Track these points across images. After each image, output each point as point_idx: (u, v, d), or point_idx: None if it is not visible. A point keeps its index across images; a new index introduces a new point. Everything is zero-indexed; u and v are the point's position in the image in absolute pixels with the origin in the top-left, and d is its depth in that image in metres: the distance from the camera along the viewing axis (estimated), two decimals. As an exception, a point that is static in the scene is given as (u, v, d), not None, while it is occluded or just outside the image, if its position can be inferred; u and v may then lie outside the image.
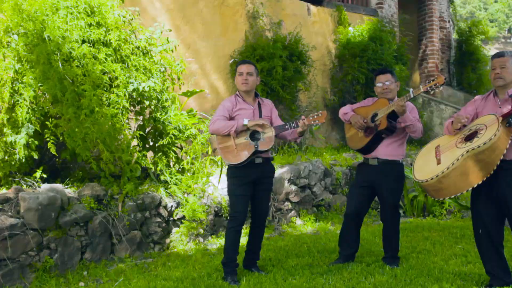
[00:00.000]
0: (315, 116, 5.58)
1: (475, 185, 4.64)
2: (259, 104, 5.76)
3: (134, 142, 7.22)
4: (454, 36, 17.18)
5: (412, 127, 5.65)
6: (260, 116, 5.69)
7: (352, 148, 6.11)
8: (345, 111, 6.04)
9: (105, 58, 6.69)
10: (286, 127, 5.60)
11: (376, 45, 11.96)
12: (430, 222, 8.24)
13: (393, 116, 5.69)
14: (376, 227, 7.87)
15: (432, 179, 4.71)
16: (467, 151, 4.60)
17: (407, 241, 7.00)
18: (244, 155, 5.47)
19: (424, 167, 4.95)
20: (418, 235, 7.32)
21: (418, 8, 16.13)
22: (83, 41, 6.66)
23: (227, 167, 5.75)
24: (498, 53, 5.05)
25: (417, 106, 12.74)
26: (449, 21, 16.98)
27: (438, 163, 4.81)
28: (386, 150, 5.81)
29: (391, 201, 5.87)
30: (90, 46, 6.63)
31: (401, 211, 9.15)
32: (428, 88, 5.31)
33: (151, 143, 7.55)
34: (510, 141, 4.65)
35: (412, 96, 5.40)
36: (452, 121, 5.03)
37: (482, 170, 4.62)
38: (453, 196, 4.83)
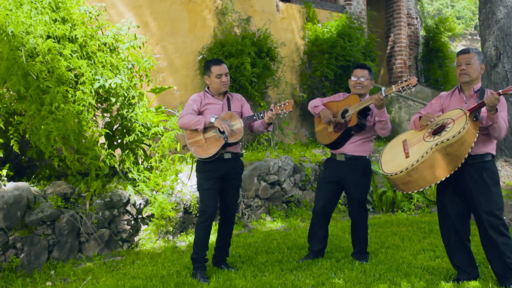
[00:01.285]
0: (283, 105, 5.59)
1: (443, 179, 4.68)
2: (228, 99, 5.75)
3: (102, 140, 7.14)
4: (422, 32, 17.30)
5: (385, 123, 5.67)
6: (229, 110, 5.68)
7: (321, 143, 6.12)
8: (316, 104, 6.04)
9: (71, 54, 6.60)
10: (255, 117, 5.60)
11: (345, 41, 11.99)
12: (398, 218, 8.29)
13: (363, 113, 5.70)
14: (345, 222, 7.89)
15: (401, 172, 4.73)
16: (436, 144, 4.63)
17: (376, 236, 7.04)
18: (214, 149, 5.45)
19: (392, 160, 4.97)
20: (387, 230, 7.35)
21: (386, 5, 16.21)
22: (48, 37, 6.56)
23: (196, 163, 5.72)
24: (464, 49, 5.10)
25: (386, 102, 12.76)
26: (416, 18, 17.09)
27: (407, 156, 4.83)
28: (354, 147, 5.83)
29: (358, 197, 5.90)
30: (55, 42, 6.54)
31: (370, 207, 9.20)
32: (400, 89, 5.33)
33: (119, 141, 7.48)
34: (477, 135, 4.69)
35: (384, 95, 5.40)
36: (420, 117, 5.05)
37: (450, 164, 4.67)
38: (421, 190, 4.85)
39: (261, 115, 5.58)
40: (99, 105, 7.11)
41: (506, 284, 4.78)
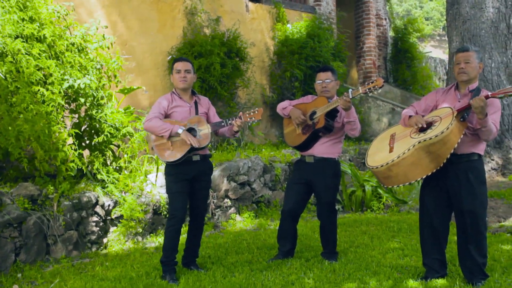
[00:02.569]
0: (252, 113, 5.58)
1: (424, 176, 4.71)
2: (195, 102, 5.73)
3: (70, 141, 7.07)
4: (391, 33, 17.46)
5: (354, 124, 5.68)
6: (196, 113, 5.66)
7: (289, 145, 6.14)
8: (284, 106, 6.05)
9: (39, 54, 6.53)
10: (223, 124, 5.59)
11: (314, 42, 12.04)
12: (368, 217, 8.34)
13: (331, 115, 5.72)
14: (315, 222, 7.90)
15: (382, 166, 4.75)
16: (419, 142, 4.64)
17: (345, 235, 7.07)
18: (180, 153, 5.43)
19: (377, 153, 4.99)
20: (356, 230, 7.39)
21: (355, 6, 16.32)
22: (16, 36, 6.48)
23: (164, 165, 5.69)
24: (463, 47, 5.05)
25: (355, 102, 12.90)
26: (385, 19, 17.24)
27: (391, 151, 4.85)
28: (323, 148, 5.84)
29: (327, 199, 5.90)
30: (23, 42, 6.46)
31: (339, 206, 9.25)
32: (367, 90, 5.33)
33: (87, 142, 7.42)
34: (462, 136, 4.70)
35: (351, 96, 5.42)
36: (410, 116, 5.05)
37: (432, 162, 4.68)
38: (401, 185, 4.86)
39: (230, 122, 5.57)
40: (67, 105, 7.04)
41: (474, 282, 4.84)
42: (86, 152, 7.43)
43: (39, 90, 6.37)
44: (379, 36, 16.81)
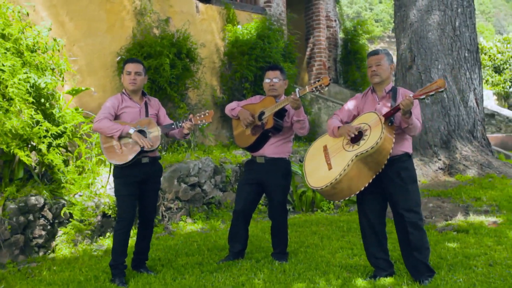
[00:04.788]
0: (202, 116, 5.60)
1: (367, 185, 4.79)
2: (146, 104, 5.68)
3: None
4: (340, 35, 17.62)
5: (303, 122, 5.72)
6: (147, 115, 5.62)
7: (239, 146, 6.14)
8: (232, 107, 6.05)
9: (5, 52, 6.47)
10: (173, 126, 5.58)
11: (264, 43, 12.07)
12: (318, 217, 8.39)
13: (279, 114, 5.74)
14: (266, 223, 7.93)
15: (326, 186, 4.78)
16: (356, 155, 4.71)
17: (296, 236, 7.10)
18: (129, 155, 5.37)
19: (316, 172, 5.01)
20: (306, 230, 7.43)
21: (306, 7, 16.42)
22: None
23: (113, 166, 5.62)
24: (373, 51, 5.23)
25: (305, 103, 12.99)
26: (335, 20, 17.39)
27: (330, 168, 4.89)
28: (273, 148, 5.87)
29: (279, 198, 5.94)
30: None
31: (290, 207, 9.29)
32: (314, 89, 5.36)
33: (36, 143, 7.29)
34: (394, 140, 4.81)
35: (298, 95, 5.45)
36: (339, 127, 5.10)
37: (371, 170, 4.79)
38: (346, 198, 4.94)
39: (180, 124, 5.57)
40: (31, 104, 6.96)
41: (421, 279, 4.92)
42: (33, 154, 7.29)
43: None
44: (329, 38, 16.95)
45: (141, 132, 5.44)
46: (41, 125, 6.87)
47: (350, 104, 5.33)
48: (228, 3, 12.83)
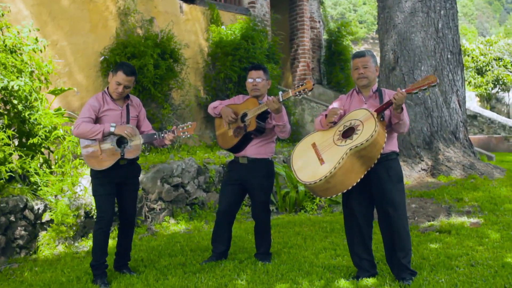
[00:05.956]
0: (185, 128, 5.58)
1: (359, 180, 4.76)
2: (128, 105, 5.60)
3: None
4: (324, 36, 17.65)
5: (283, 127, 5.72)
6: (128, 117, 5.55)
7: (222, 147, 6.13)
8: (215, 106, 6.04)
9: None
10: (155, 137, 5.54)
11: (248, 43, 12.09)
12: (301, 218, 8.40)
13: (262, 117, 5.73)
14: (249, 223, 7.93)
15: (320, 180, 4.71)
16: (350, 149, 4.68)
17: (279, 236, 7.10)
18: (108, 162, 5.31)
19: (307, 167, 4.95)
20: (290, 231, 7.43)
21: (290, 8, 16.45)
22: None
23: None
24: (359, 53, 5.19)
25: (289, 104, 13.01)
26: (319, 22, 17.43)
27: (322, 163, 4.84)
28: (255, 149, 5.87)
29: (262, 199, 5.95)
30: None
31: (273, 208, 9.29)
32: (297, 93, 5.37)
33: (17, 144, 7.24)
34: (386, 135, 4.82)
35: (281, 99, 5.45)
36: (326, 115, 5.08)
37: (364, 165, 4.77)
38: (339, 194, 4.87)
39: (162, 135, 5.53)
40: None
41: (403, 280, 4.93)
42: (15, 155, 7.25)
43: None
44: (313, 39, 16.99)
45: (122, 139, 5.40)
46: (5, 131, 6.82)
47: (335, 105, 5.29)
48: (212, 3, 12.83)
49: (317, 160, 4.90)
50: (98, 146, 5.32)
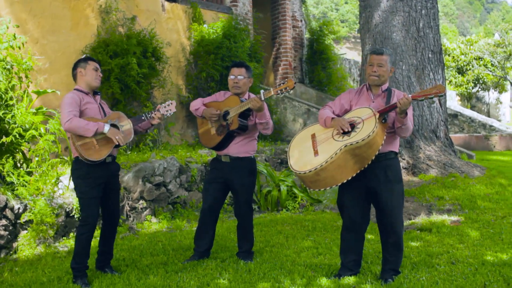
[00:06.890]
0: (167, 106, 5.67)
1: (350, 178, 4.75)
2: (98, 101, 5.61)
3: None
4: (306, 35, 17.68)
5: (266, 124, 5.72)
6: (103, 111, 5.57)
7: (204, 146, 6.13)
8: (196, 107, 6.01)
9: None
10: (143, 118, 5.58)
11: (230, 42, 12.09)
12: (283, 216, 8.41)
13: (244, 115, 5.74)
14: (231, 222, 7.94)
15: (310, 171, 4.74)
16: (345, 146, 4.68)
17: (261, 235, 7.11)
18: (106, 150, 5.27)
19: (301, 157, 4.96)
20: (272, 229, 7.44)
21: (272, 7, 16.45)
22: None
23: (74, 166, 5.48)
24: (378, 49, 5.10)
25: (271, 102, 13.01)
26: (301, 21, 17.45)
27: (316, 154, 4.85)
28: (238, 147, 5.88)
29: (244, 197, 5.96)
30: None
31: (255, 206, 9.29)
32: (279, 92, 5.38)
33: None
34: (384, 137, 4.79)
35: (263, 98, 5.45)
36: (332, 118, 5.03)
37: (357, 164, 4.75)
38: (328, 188, 4.86)
39: (150, 115, 5.57)
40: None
41: (385, 278, 5.00)
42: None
43: None
44: (295, 38, 17.01)
45: (114, 126, 5.38)
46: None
47: (343, 98, 5.24)
48: (194, 2, 12.80)
49: (312, 151, 4.92)
50: (93, 137, 5.25)
